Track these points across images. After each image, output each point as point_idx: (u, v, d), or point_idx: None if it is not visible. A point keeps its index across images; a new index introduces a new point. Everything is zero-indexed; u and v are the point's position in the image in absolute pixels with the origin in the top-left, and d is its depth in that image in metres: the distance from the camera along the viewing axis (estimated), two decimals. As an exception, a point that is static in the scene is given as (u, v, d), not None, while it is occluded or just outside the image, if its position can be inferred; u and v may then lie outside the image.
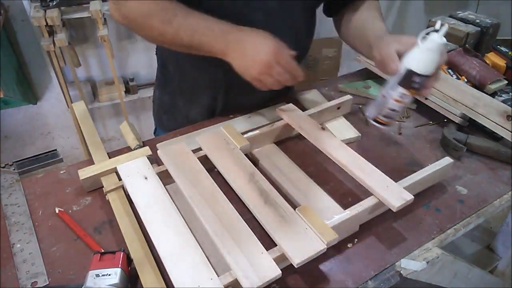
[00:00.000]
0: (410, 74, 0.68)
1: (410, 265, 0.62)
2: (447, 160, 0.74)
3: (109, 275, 0.54)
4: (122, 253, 0.57)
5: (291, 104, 0.89)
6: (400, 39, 0.72)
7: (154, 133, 1.10)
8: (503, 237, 1.26)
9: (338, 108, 0.92)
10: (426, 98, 0.94)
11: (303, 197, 0.70)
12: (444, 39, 0.65)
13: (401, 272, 0.61)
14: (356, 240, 0.65)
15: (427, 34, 0.67)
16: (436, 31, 0.66)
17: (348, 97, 0.93)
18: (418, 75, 0.67)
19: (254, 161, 0.79)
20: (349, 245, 0.65)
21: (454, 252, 0.71)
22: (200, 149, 0.77)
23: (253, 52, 0.69)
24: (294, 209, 0.62)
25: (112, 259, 0.56)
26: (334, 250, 0.63)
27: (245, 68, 0.70)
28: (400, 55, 0.70)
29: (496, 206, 0.73)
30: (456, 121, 0.89)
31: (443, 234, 0.67)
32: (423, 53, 0.67)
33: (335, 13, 0.93)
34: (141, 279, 0.57)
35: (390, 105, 0.72)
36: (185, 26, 0.70)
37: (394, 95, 0.71)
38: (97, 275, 0.54)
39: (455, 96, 0.91)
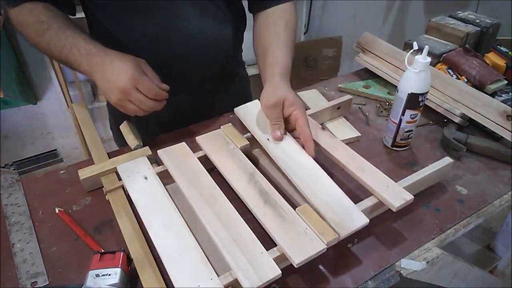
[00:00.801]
0: (414, 96, 0.77)
1: (410, 265, 0.62)
2: (447, 160, 0.74)
3: (109, 275, 0.54)
4: (122, 253, 0.57)
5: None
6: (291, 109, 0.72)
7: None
8: (503, 237, 1.26)
9: (338, 108, 0.92)
10: (427, 98, 0.94)
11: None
12: (428, 58, 0.74)
13: (401, 272, 0.61)
14: (356, 240, 0.65)
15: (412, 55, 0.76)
16: (416, 50, 0.75)
17: (348, 97, 0.93)
18: (421, 94, 0.76)
19: (254, 161, 0.79)
20: (349, 245, 0.65)
21: (454, 252, 0.71)
22: (200, 148, 0.77)
23: (113, 78, 0.68)
24: (294, 209, 0.62)
25: (112, 259, 0.56)
26: (334, 250, 0.63)
27: (106, 92, 0.70)
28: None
29: (496, 206, 0.73)
30: (456, 121, 0.89)
31: (443, 234, 0.67)
32: (417, 75, 0.75)
33: (253, 11, 0.90)
34: (141, 279, 0.57)
35: (405, 128, 0.81)
36: (55, 41, 0.71)
37: (406, 118, 0.80)
38: (97, 275, 0.54)
39: (455, 96, 0.91)
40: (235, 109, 0.83)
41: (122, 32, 0.81)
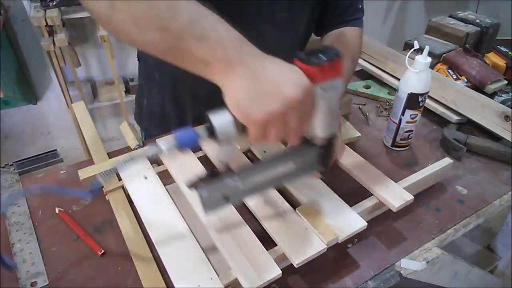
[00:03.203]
0: (414, 96, 0.76)
1: (410, 265, 0.62)
2: (447, 160, 0.74)
3: None
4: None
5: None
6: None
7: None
8: (503, 237, 1.26)
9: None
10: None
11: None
12: (429, 58, 0.74)
13: (401, 272, 0.61)
14: (356, 240, 0.65)
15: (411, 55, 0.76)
16: (416, 50, 0.75)
17: (348, 96, 0.93)
18: (421, 94, 0.76)
19: (254, 161, 0.79)
20: (349, 245, 0.65)
21: (454, 252, 0.71)
22: (200, 148, 0.77)
23: (283, 81, 0.45)
24: (294, 209, 0.62)
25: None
26: (334, 250, 0.63)
27: (257, 98, 0.45)
28: None
29: (496, 206, 0.73)
30: (456, 122, 0.89)
31: (443, 234, 0.67)
32: (417, 75, 0.75)
33: (321, 33, 0.86)
34: (141, 279, 0.57)
35: (405, 128, 0.81)
36: (185, 7, 0.46)
37: (406, 118, 0.79)
38: None
39: (454, 96, 0.91)
40: None
41: None
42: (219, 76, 0.46)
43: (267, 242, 0.58)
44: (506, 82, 0.97)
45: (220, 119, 0.47)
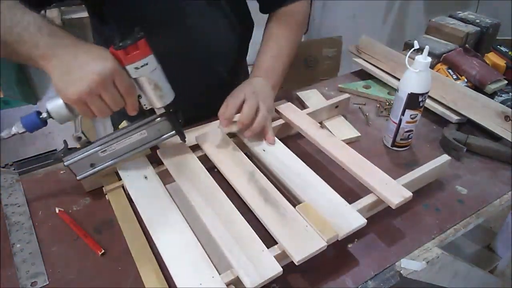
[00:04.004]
0: (414, 96, 0.76)
1: (410, 265, 0.62)
2: (445, 157, 0.74)
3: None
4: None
5: (289, 103, 0.89)
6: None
7: None
8: (503, 237, 1.26)
9: (336, 107, 0.92)
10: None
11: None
12: (429, 58, 0.74)
13: (401, 272, 0.61)
14: (356, 240, 0.65)
15: (411, 55, 0.77)
16: (416, 50, 0.76)
17: (346, 95, 0.93)
18: (421, 94, 0.76)
19: (254, 160, 0.79)
20: (349, 245, 0.65)
21: (454, 252, 0.71)
22: (199, 148, 0.77)
23: (89, 63, 0.55)
24: (294, 207, 0.62)
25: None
26: (335, 249, 0.63)
27: (70, 82, 0.55)
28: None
29: (496, 206, 0.73)
30: (456, 122, 0.89)
31: (443, 234, 0.67)
32: (417, 75, 0.75)
33: (266, 11, 0.93)
34: (142, 278, 0.57)
35: (405, 128, 0.81)
36: (6, 14, 0.55)
37: (406, 118, 0.79)
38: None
39: (454, 96, 0.91)
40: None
41: None
42: (45, 69, 0.57)
43: (268, 240, 0.58)
44: (506, 82, 0.97)
45: (53, 104, 0.60)
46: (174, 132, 0.72)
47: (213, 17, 0.84)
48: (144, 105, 0.65)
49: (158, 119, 0.69)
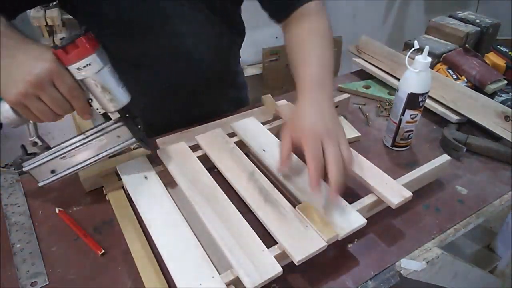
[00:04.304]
0: (414, 96, 0.76)
1: (410, 265, 0.62)
2: (445, 157, 0.74)
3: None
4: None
5: (289, 103, 0.89)
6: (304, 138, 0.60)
7: None
8: (503, 237, 1.26)
9: (336, 107, 0.92)
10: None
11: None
12: (429, 58, 0.74)
13: (401, 272, 0.61)
14: (356, 240, 0.65)
15: (411, 55, 0.76)
16: (416, 50, 0.76)
17: (346, 95, 0.93)
18: (421, 94, 0.76)
19: (253, 160, 0.79)
20: (349, 245, 0.65)
21: (454, 252, 0.71)
22: (200, 148, 0.77)
23: (26, 64, 0.54)
24: (295, 207, 0.62)
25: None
26: (335, 250, 0.63)
27: (7, 84, 0.54)
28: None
29: (496, 206, 0.73)
30: (456, 122, 0.89)
31: (443, 234, 0.67)
32: (417, 75, 0.75)
33: (278, 19, 0.82)
34: (142, 278, 0.57)
35: (405, 128, 0.81)
36: None
37: (406, 118, 0.79)
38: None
39: (454, 96, 0.91)
40: (231, 124, 0.82)
41: (120, 50, 0.79)
42: None
43: (268, 240, 0.58)
44: (506, 82, 0.97)
45: (1, 107, 0.58)
46: (134, 139, 0.66)
47: (198, 23, 0.81)
48: (97, 109, 0.61)
49: (115, 125, 0.65)
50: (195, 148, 0.77)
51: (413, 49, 0.76)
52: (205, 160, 0.74)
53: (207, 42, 0.84)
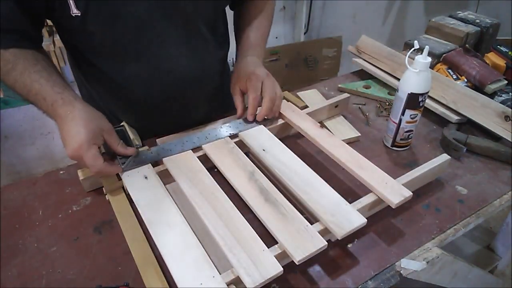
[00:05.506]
0: (414, 96, 0.76)
1: (410, 265, 0.62)
2: (445, 156, 0.74)
3: None
4: None
5: (289, 103, 0.89)
6: (249, 81, 0.80)
7: None
8: (503, 237, 1.26)
9: (336, 106, 0.92)
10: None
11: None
12: (429, 58, 0.74)
13: (401, 272, 0.61)
14: (356, 240, 0.65)
15: (411, 55, 0.77)
16: (416, 50, 0.76)
17: (346, 95, 0.93)
18: (421, 94, 0.76)
19: (253, 160, 0.79)
20: (349, 245, 0.65)
21: (454, 252, 0.71)
22: (200, 148, 0.77)
23: (67, 139, 0.65)
24: (295, 207, 0.62)
25: None
26: (334, 250, 0.63)
27: (64, 144, 0.67)
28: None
29: (496, 206, 0.73)
30: (456, 122, 0.89)
31: (443, 234, 0.67)
32: (417, 75, 0.75)
33: (235, 6, 0.95)
34: (143, 279, 0.57)
35: (405, 128, 0.81)
36: (20, 84, 0.67)
37: (406, 118, 0.79)
38: None
39: (454, 96, 0.91)
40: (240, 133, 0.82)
41: (114, 73, 0.80)
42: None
43: (268, 239, 0.59)
44: (506, 82, 0.97)
45: None
46: None
47: (192, 43, 0.81)
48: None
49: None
50: (195, 148, 0.77)
51: (413, 49, 0.76)
52: (205, 160, 0.74)
53: (200, 62, 0.85)
